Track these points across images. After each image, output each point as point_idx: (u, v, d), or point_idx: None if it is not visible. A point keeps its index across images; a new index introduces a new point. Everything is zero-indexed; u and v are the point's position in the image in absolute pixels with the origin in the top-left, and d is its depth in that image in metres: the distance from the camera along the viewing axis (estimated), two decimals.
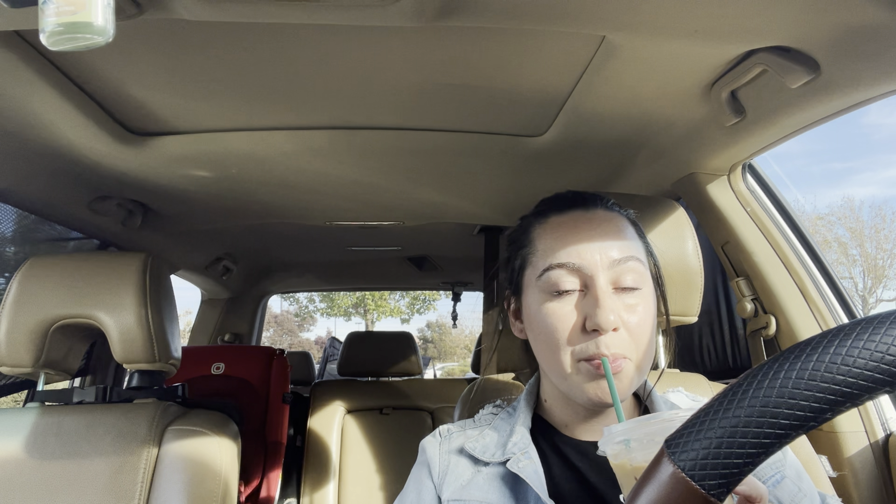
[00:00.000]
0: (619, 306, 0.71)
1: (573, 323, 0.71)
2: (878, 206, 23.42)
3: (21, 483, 1.09)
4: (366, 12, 0.75)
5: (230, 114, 1.19)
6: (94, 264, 1.19)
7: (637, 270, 0.73)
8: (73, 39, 0.60)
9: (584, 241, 0.73)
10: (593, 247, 0.72)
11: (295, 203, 1.78)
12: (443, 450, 0.81)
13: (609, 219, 0.77)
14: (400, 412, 2.46)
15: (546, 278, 0.73)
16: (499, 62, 0.99)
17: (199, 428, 1.17)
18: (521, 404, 0.83)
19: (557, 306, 0.72)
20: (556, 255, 0.73)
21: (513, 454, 0.75)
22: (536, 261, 0.76)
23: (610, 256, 0.72)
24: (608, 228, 0.75)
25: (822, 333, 0.41)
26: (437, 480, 0.78)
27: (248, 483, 2.12)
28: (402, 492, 0.83)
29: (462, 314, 6.61)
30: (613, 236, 0.74)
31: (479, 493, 0.74)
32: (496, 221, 2.04)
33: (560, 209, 0.79)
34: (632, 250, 0.74)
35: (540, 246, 0.76)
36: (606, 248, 0.72)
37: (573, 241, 0.73)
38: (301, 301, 22.45)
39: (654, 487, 0.42)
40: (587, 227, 0.75)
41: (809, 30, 0.79)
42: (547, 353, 0.74)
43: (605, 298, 0.69)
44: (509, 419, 0.82)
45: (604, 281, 0.71)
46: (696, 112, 1.11)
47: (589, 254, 0.72)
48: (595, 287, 0.70)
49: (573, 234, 0.74)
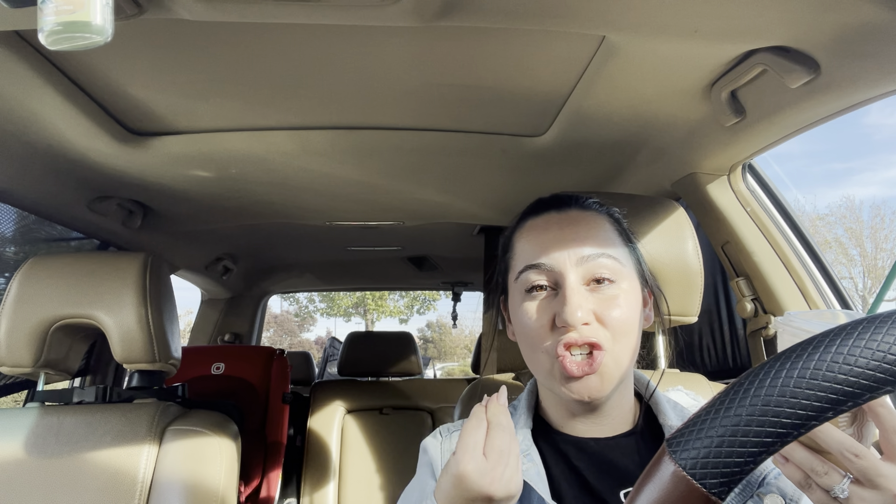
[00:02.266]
0: (591, 302, 0.72)
1: (545, 321, 0.72)
2: (877, 207, 23.43)
3: (21, 483, 1.09)
4: (366, 12, 0.75)
5: (230, 114, 1.19)
6: (94, 264, 1.19)
7: (609, 266, 0.74)
8: (72, 39, 0.60)
9: (554, 240, 0.75)
10: (562, 245, 0.74)
11: (295, 203, 1.78)
12: (444, 448, 0.82)
13: (582, 218, 0.78)
14: (400, 412, 2.46)
15: (521, 280, 0.76)
16: (499, 62, 0.99)
17: (199, 428, 1.17)
18: (521, 404, 0.83)
19: (531, 306, 0.74)
20: (528, 256, 0.76)
21: None
22: (515, 263, 0.79)
23: (579, 253, 0.73)
24: (579, 227, 0.76)
25: (823, 333, 0.41)
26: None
27: (248, 483, 2.12)
28: (404, 492, 0.83)
29: (462, 314, 6.61)
30: (584, 234, 0.75)
31: None
32: (496, 221, 2.04)
33: (536, 212, 0.81)
34: (604, 246, 0.75)
35: (518, 249, 0.79)
36: (575, 244, 0.74)
37: (543, 242, 0.76)
38: (301, 301, 22.45)
39: (656, 486, 0.42)
40: (557, 227, 0.77)
41: (809, 30, 0.79)
42: (528, 353, 0.76)
43: (573, 295, 0.70)
44: (510, 419, 0.82)
45: (574, 278, 0.72)
46: (696, 112, 1.11)
47: (557, 252, 0.74)
48: (564, 285, 0.72)
49: (544, 234, 0.77)
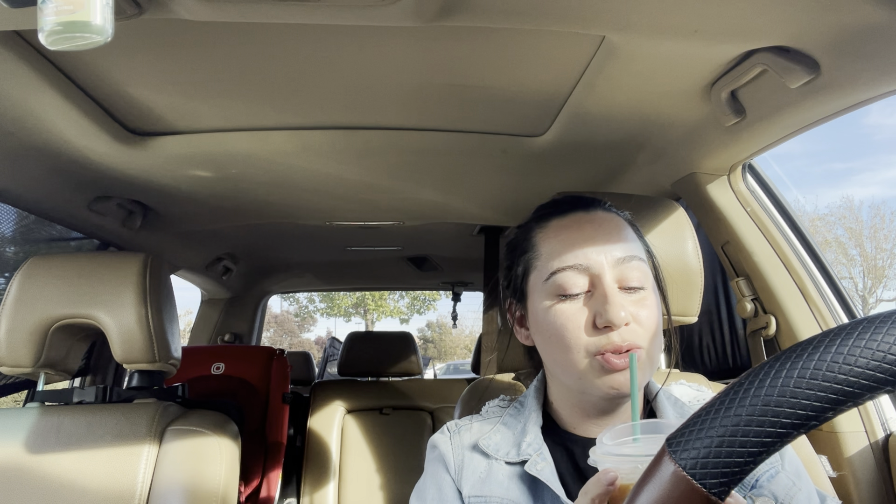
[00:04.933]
0: (626, 302, 0.72)
1: (584, 321, 0.72)
2: (877, 207, 23.43)
3: (21, 483, 1.09)
4: (366, 12, 0.75)
5: (230, 114, 1.19)
6: (94, 264, 1.19)
7: (640, 269, 0.75)
8: (72, 39, 0.60)
9: (589, 241, 0.75)
10: (598, 246, 0.74)
11: (295, 203, 1.78)
12: (455, 444, 0.81)
13: (609, 219, 0.78)
14: (400, 412, 2.46)
15: (553, 281, 0.74)
16: (499, 62, 0.99)
17: (199, 428, 1.17)
18: (529, 401, 0.83)
19: (567, 307, 0.73)
20: (562, 257, 0.74)
21: (529, 455, 0.75)
22: (541, 265, 0.77)
23: (614, 255, 0.74)
24: (610, 228, 0.77)
25: (823, 333, 0.41)
26: (454, 475, 0.79)
27: (248, 483, 2.12)
28: (418, 489, 0.82)
29: (462, 314, 6.63)
30: (616, 236, 0.76)
31: (500, 489, 0.75)
32: (496, 221, 2.04)
33: (561, 212, 0.80)
34: (634, 250, 0.76)
35: (544, 250, 0.78)
36: (610, 247, 0.74)
37: (578, 242, 0.75)
38: (301, 301, 22.47)
39: (655, 486, 0.42)
40: (590, 227, 0.76)
41: (809, 30, 0.79)
42: (558, 354, 0.75)
43: (614, 295, 0.71)
44: (518, 416, 0.83)
45: (610, 279, 0.73)
46: (696, 112, 1.11)
47: (594, 254, 0.73)
48: (603, 285, 0.72)
49: (578, 235, 0.76)
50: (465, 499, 0.76)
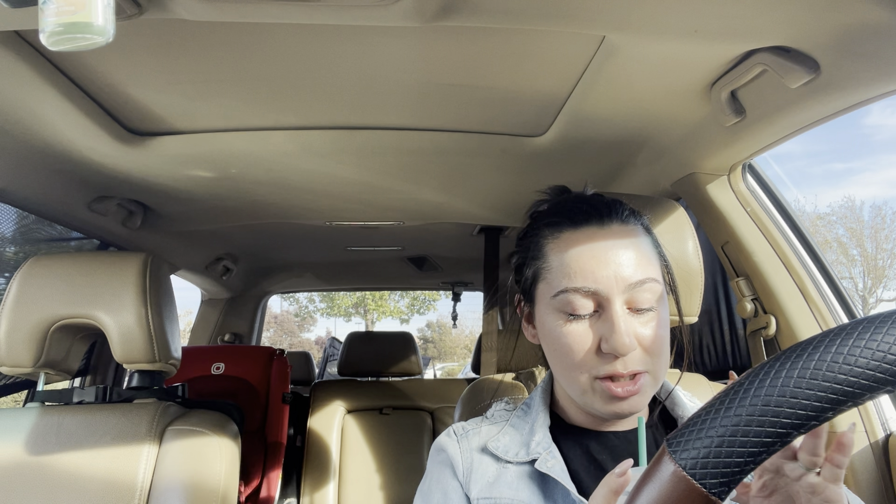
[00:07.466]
0: (633, 326, 0.70)
1: (589, 345, 0.71)
2: (878, 207, 23.44)
3: (21, 483, 1.09)
4: (366, 12, 0.75)
5: (230, 114, 1.19)
6: (94, 264, 1.19)
7: (652, 290, 0.72)
8: (73, 39, 0.60)
9: (600, 262, 0.71)
10: (609, 269, 0.71)
11: (295, 203, 1.78)
12: (463, 448, 0.81)
13: (624, 234, 0.74)
14: (400, 412, 2.46)
15: (561, 299, 0.72)
16: (499, 62, 0.99)
17: (199, 428, 1.17)
18: (536, 402, 0.83)
19: (573, 328, 0.72)
20: (571, 277, 0.72)
21: (538, 454, 0.75)
22: (551, 278, 0.74)
23: (626, 279, 0.70)
24: (625, 247, 0.73)
25: (823, 333, 0.41)
26: (462, 479, 0.78)
27: (248, 483, 2.13)
28: (422, 493, 0.81)
29: (462, 314, 6.63)
30: (630, 256, 0.72)
31: (510, 491, 0.75)
32: (496, 221, 2.04)
33: (575, 223, 0.76)
34: (648, 271, 0.72)
35: (554, 262, 0.74)
36: (622, 269, 0.71)
37: (588, 263, 0.71)
38: (301, 301, 22.47)
39: (655, 486, 0.42)
40: (603, 246, 0.72)
41: (809, 30, 0.79)
42: (562, 371, 0.75)
43: (621, 322, 0.69)
44: (526, 417, 0.82)
45: (619, 304, 0.70)
46: (696, 112, 1.11)
47: (604, 277, 0.70)
48: (611, 310, 0.70)
49: (589, 255, 0.72)
50: (474, 501, 0.75)
